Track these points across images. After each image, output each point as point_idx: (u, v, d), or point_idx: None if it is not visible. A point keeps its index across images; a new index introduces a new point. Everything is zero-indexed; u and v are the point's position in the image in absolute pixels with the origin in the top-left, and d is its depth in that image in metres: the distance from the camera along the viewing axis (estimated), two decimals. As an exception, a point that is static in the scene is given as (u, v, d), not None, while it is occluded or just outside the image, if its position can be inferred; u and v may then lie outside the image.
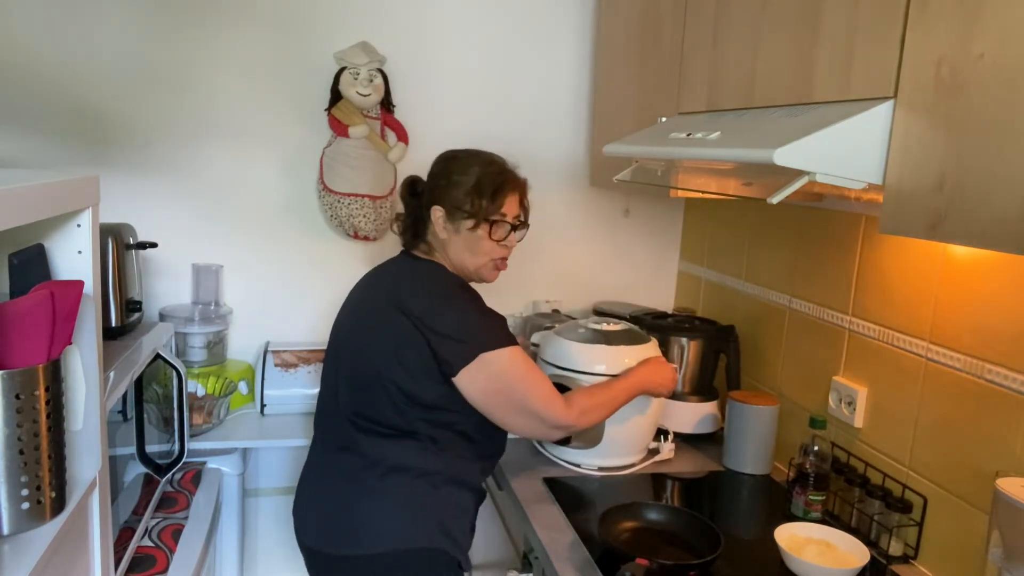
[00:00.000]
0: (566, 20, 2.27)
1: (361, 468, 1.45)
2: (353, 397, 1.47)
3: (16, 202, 0.82)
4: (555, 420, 1.46)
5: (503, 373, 1.42)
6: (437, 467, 1.45)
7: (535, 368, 1.47)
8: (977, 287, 1.35)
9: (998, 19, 0.92)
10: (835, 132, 1.08)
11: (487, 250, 1.52)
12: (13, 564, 0.87)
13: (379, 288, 1.53)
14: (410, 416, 1.43)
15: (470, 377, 1.41)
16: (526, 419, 1.46)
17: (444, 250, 1.53)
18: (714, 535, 1.43)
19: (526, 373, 1.44)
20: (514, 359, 1.43)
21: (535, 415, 1.45)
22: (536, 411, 1.45)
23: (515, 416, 1.46)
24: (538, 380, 1.46)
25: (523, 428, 1.48)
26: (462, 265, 1.53)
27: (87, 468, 1.09)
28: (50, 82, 1.98)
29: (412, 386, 1.42)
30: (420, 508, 1.43)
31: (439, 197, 1.51)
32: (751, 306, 2.05)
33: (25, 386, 0.90)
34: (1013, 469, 1.25)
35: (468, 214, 1.49)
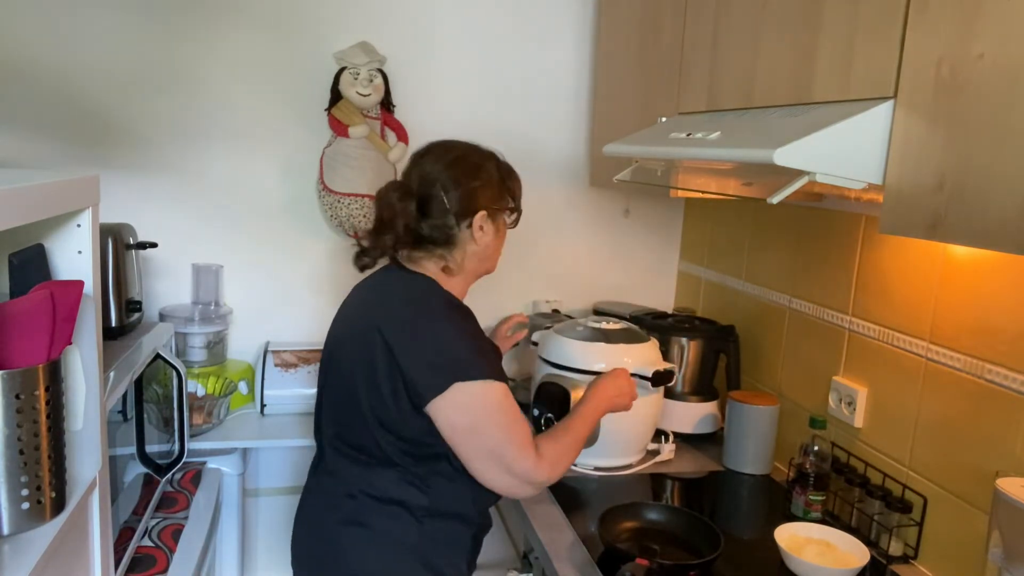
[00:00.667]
0: (566, 20, 2.27)
1: (342, 495, 1.36)
2: (335, 420, 1.40)
3: (16, 202, 0.82)
4: (526, 472, 1.28)
5: (476, 408, 1.27)
6: (421, 500, 1.33)
7: (516, 412, 1.30)
8: (977, 287, 1.35)
9: (998, 19, 0.92)
10: (835, 132, 1.08)
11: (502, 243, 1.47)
12: (13, 564, 0.87)
13: (364, 306, 1.41)
14: (389, 446, 1.32)
15: (440, 407, 1.26)
16: (493, 466, 1.28)
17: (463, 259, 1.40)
18: (714, 535, 1.43)
19: (503, 413, 1.28)
20: (492, 394, 1.27)
21: (504, 464, 1.27)
22: (506, 459, 1.27)
23: (482, 460, 1.28)
24: (515, 425, 1.29)
25: (490, 477, 1.29)
26: (481, 266, 1.43)
27: (87, 468, 1.09)
28: (50, 82, 1.98)
29: (388, 416, 1.30)
30: (400, 545, 1.32)
31: (478, 200, 1.37)
32: (751, 306, 2.05)
33: (25, 386, 0.90)
34: (1013, 469, 1.25)
35: (509, 210, 1.44)
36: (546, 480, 1.30)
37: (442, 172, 1.38)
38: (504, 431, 1.27)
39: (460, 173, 1.38)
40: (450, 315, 1.33)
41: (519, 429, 1.29)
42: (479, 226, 1.38)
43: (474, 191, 1.37)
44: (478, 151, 1.43)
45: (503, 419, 1.27)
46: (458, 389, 1.25)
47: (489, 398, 1.27)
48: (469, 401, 1.27)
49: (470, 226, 1.38)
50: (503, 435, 1.27)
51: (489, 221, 1.39)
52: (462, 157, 1.40)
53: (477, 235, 1.39)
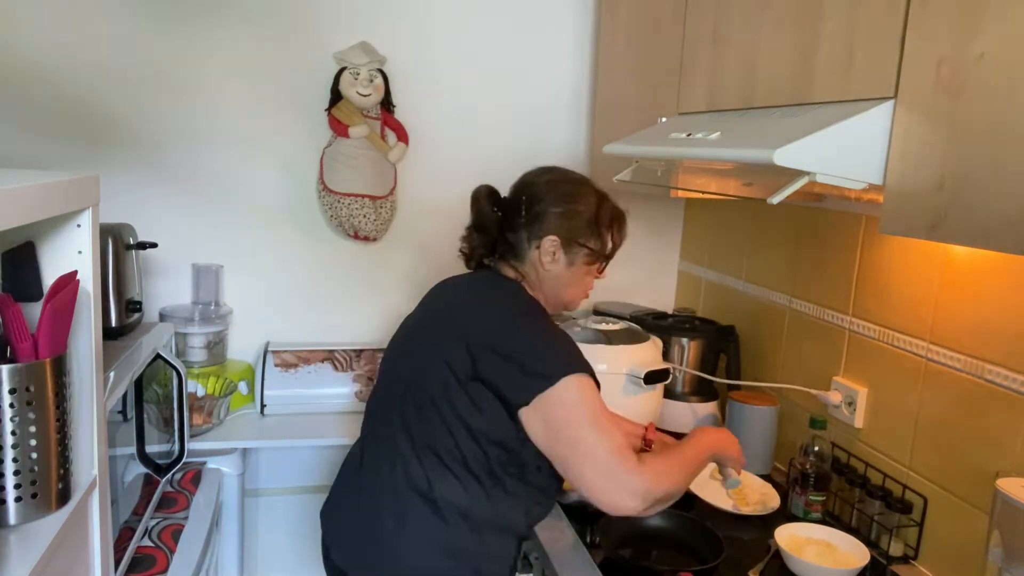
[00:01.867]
0: (566, 20, 2.27)
1: (405, 490, 1.30)
2: (412, 415, 1.32)
3: (16, 202, 0.82)
4: (628, 477, 1.17)
5: (572, 404, 1.21)
6: (485, 512, 1.28)
7: (609, 415, 1.25)
8: (977, 287, 1.35)
9: (998, 19, 0.92)
10: (835, 132, 1.08)
11: (588, 283, 1.42)
12: (19, 556, 0.88)
13: (452, 304, 1.39)
14: (468, 449, 1.27)
15: (537, 408, 1.21)
16: (592, 469, 1.18)
17: (537, 278, 1.38)
18: (715, 538, 1.44)
19: (599, 413, 1.22)
20: (589, 390, 1.23)
21: (604, 465, 1.18)
22: (605, 460, 1.18)
23: (580, 463, 1.19)
24: (611, 426, 1.22)
25: (589, 481, 1.19)
26: (556, 296, 1.41)
27: (87, 468, 1.09)
28: (50, 82, 1.98)
29: (474, 418, 1.26)
30: (454, 553, 1.28)
31: (556, 225, 1.35)
32: (751, 306, 2.05)
33: (36, 378, 0.91)
34: (1013, 469, 1.25)
35: (589, 250, 1.37)
36: (648, 489, 1.18)
37: (537, 187, 1.39)
38: (601, 430, 1.20)
39: (552, 193, 1.37)
40: (538, 313, 1.33)
41: (616, 432, 1.21)
42: (550, 251, 1.35)
43: (553, 215, 1.35)
44: (587, 184, 1.41)
45: (597, 417, 1.21)
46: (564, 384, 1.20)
47: (586, 393, 1.22)
48: (569, 396, 1.21)
49: (539, 247, 1.36)
50: (600, 433, 1.19)
51: (562, 251, 1.36)
52: (564, 180, 1.40)
53: (545, 260, 1.36)
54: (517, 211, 1.38)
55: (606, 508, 1.19)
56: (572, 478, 1.22)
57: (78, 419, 1.07)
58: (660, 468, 1.22)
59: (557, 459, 1.23)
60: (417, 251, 2.28)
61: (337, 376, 2.11)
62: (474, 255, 1.43)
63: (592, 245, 1.38)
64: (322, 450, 2.28)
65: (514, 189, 1.43)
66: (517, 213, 1.38)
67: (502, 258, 1.41)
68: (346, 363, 2.13)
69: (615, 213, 1.41)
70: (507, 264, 1.41)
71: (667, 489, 1.22)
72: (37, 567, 0.87)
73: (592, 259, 1.39)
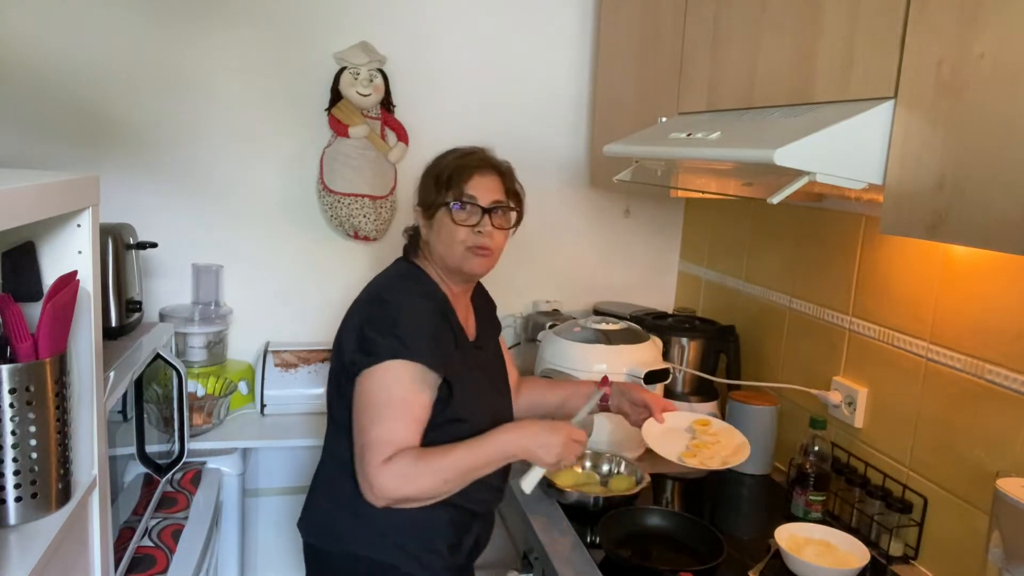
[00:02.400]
0: (566, 20, 2.27)
1: (326, 458, 1.45)
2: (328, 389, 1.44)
3: (16, 202, 0.82)
4: (368, 472, 1.24)
5: (377, 389, 1.28)
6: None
7: (402, 405, 1.28)
8: (977, 287, 1.35)
9: (998, 19, 0.92)
10: (835, 132, 1.08)
11: (461, 237, 1.38)
12: (19, 556, 0.88)
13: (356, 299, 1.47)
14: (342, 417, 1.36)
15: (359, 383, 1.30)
16: (357, 452, 1.28)
17: (431, 251, 1.44)
18: (715, 539, 1.44)
19: (383, 400, 1.27)
20: (401, 379, 1.27)
21: (360, 452, 1.27)
22: (361, 448, 1.26)
23: (356, 442, 1.29)
24: (388, 417, 1.26)
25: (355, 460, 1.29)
26: (443, 261, 1.42)
27: (87, 468, 1.09)
28: (50, 82, 1.98)
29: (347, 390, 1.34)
30: (359, 514, 1.33)
31: (418, 196, 1.45)
32: (751, 306, 2.05)
33: (36, 378, 0.91)
34: (1013, 469, 1.25)
35: (435, 204, 1.40)
36: (384, 488, 1.24)
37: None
38: (373, 419, 1.27)
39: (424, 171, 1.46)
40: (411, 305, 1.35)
41: (388, 425, 1.26)
42: (416, 219, 1.45)
43: (418, 188, 1.45)
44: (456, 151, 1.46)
45: (380, 404, 1.27)
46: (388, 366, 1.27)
47: (383, 380, 1.27)
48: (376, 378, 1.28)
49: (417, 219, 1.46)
50: (369, 423, 1.26)
51: (422, 215, 1.44)
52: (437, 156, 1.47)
53: (423, 229, 1.44)
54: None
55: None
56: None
57: (78, 419, 1.07)
58: (409, 472, 1.25)
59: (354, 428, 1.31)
60: (417, 251, 2.28)
61: (337, 376, 2.11)
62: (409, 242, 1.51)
63: (428, 197, 1.42)
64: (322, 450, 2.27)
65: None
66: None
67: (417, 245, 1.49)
68: (346, 363, 2.13)
69: (462, 164, 1.41)
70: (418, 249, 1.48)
71: (412, 493, 1.26)
72: (37, 567, 0.87)
73: (435, 210, 1.41)
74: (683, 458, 1.50)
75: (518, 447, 1.34)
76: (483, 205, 1.39)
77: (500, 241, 1.43)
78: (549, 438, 1.34)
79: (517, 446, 1.34)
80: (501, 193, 1.43)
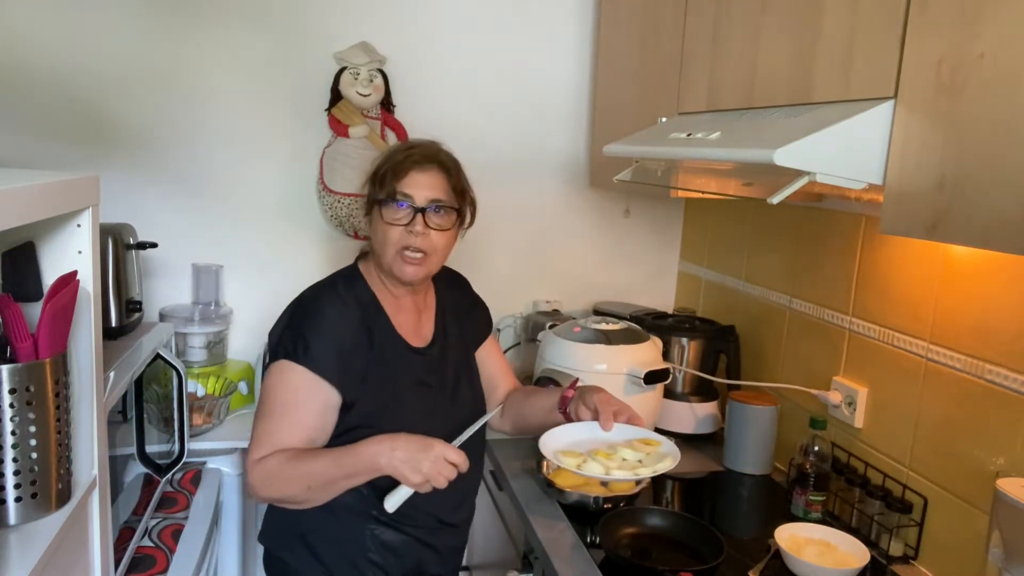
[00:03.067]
0: (566, 20, 2.27)
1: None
2: None
3: (16, 202, 0.82)
4: (249, 464, 1.29)
5: (269, 385, 1.32)
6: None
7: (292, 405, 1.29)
8: (977, 287, 1.35)
9: (998, 19, 0.92)
10: (835, 132, 1.08)
11: (394, 238, 1.33)
12: (19, 556, 0.88)
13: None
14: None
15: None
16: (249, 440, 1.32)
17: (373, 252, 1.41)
18: (716, 539, 1.44)
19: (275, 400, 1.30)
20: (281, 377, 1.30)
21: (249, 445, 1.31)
22: (250, 441, 1.31)
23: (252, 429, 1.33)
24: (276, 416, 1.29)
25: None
26: (379, 262, 1.39)
27: (87, 468, 1.09)
28: (50, 82, 1.98)
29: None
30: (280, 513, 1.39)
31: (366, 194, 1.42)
32: (751, 306, 2.05)
33: (36, 378, 0.91)
34: (1013, 469, 1.25)
35: (370, 201, 1.38)
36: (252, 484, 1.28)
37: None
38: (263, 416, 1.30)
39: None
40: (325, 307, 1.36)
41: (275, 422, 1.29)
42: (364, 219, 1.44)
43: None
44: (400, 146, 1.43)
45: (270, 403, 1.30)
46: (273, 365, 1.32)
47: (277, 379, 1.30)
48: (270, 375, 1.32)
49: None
50: (260, 419, 1.30)
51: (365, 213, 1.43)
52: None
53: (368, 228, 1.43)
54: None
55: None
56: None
57: (78, 419, 1.07)
58: (272, 472, 1.26)
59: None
60: (417, 251, 2.28)
61: (337, 376, 2.11)
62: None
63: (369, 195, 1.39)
64: None
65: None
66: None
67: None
68: (346, 363, 2.13)
69: (398, 159, 1.37)
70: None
71: (275, 495, 1.29)
72: (37, 567, 0.87)
73: (370, 207, 1.39)
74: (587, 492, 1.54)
75: (384, 461, 1.24)
76: (417, 204, 1.32)
77: (439, 243, 1.35)
78: (417, 455, 1.22)
79: (384, 459, 1.24)
80: (443, 191, 1.35)
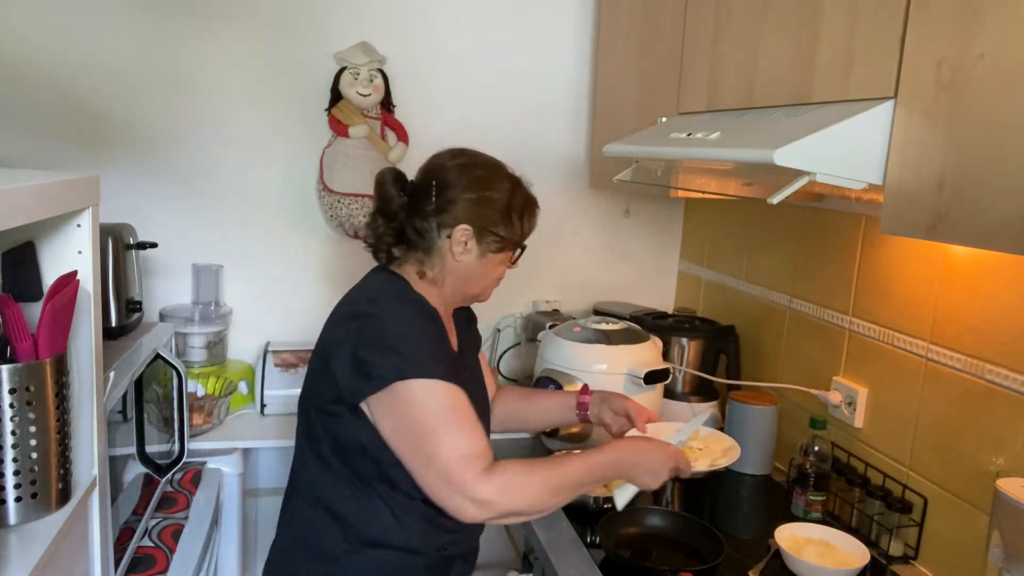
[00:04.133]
0: (566, 20, 2.27)
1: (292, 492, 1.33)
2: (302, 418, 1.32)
3: (16, 202, 0.82)
4: (466, 486, 1.11)
5: (415, 409, 1.14)
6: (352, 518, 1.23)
7: (465, 419, 1.16)
8: (977, 287, 1.35)
9: (998, 19, 0.92)
10: (835, 132, 1.08)
11: (500, 273, 1.32)
12: (19, 556, 0.88)
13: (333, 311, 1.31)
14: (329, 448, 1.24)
15: (379, 408, 1.16)
16: (433, 475, 1.13)
17: (442, 271, 1.28)
18: (715, 538, 1.44)
19: (445, 417, 1.14)
20: (433, 395, 1.14)
21: (444, 472, 1.12)
22: (445, 467, 1.11)
23: (422, 469, 1.14)
24: (458, 431, 1.14)
25: (431, 487, 1.14)
26: (463, 289, 1.31)
27: (87, 468, 1.09)
28: (50, 82, 1.98)
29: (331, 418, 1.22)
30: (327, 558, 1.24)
31: (468, 213, 1.25)
32: (751, 306, 2.05)
33: (36, 378, 0.91)
34: (1013, 469, 1.25)
35: (500, 238, 1.27)
36: (490, 500, 1.11)
37: (446, 171, 1.27)
38: (444, 435, 1.13)
39: (463, 178, 1.26)
40: (400, 310, 1.23)
41: (464, 437, 1.14)
42: (461, 241, 1.25)
43: (466, 201, 1.24)
44: (500, 169, 1.31)
45: (442, 422, 1.14)
46: (398, 388, 1.14)
47: (431, 398, 1.14)
48: (410, 400, 1.14)
49: (449, 237, 1.25)
50: (442, 439, 1.13)
51: (475, 241, 1.26)
52: (477, 164, 1.29)
53: (456, 250, 1.25)
54: (426, 197, 1.26)
55: (451, 513, 1.14)
56: (417, 480, 1.17)
57: (78, 419, 1.07)
58: (516, 482, 1.14)
59: (404, 463, 1.17)
60: (417, 251, 2.28)
61: (337, 376, 2.11)
62: (380, 245, 1.31)
63: (503, 233, 1.27)
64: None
65: (422, 172, 1.31)
66: (426, 199, 1.26)
67: (409, 250, 1.30)
68: (346, 363, 2.13)
69: (527, 199, 1.31)
70: (411, 257, 1.30)
71: (517, 506, 1.15)
72: (37, 567, 0.87)
73: (502, 248, 1.29)
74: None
75: (631, 466, 1.26)
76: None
77: None
78: (657, 463, 1.27)
79: (630, 464, 1.26)
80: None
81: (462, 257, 1.26)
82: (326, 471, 1.25)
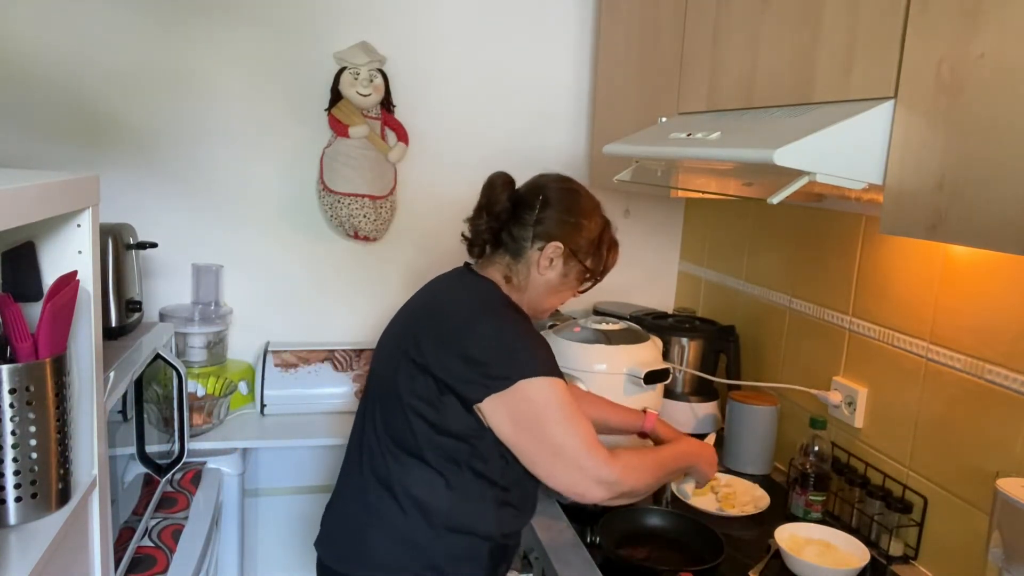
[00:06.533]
0: (566, 20, 2.27)
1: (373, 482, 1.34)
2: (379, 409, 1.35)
3: (16, 202, 0.82)
4: (597, 469, 1.24)
5: (539, 404, 1.24)
6: (443, 507, 1.29)
7: (579, 409, 1.28)
8: (977, 287, 1.35)
9: (998, 19, 0.92)
10: (835, 132, 1.08)
11: (566, 297, 1.43)
12: (19, 556, 0.88)
13: (423, 303, 1.39)
14: (425, 441, 1.29)
15: (498, 406, 1.24)
16: (563, 464, 1.25)
17: (525, 280, 1.38)
18: (715, 539, 1.44)
19: (568, 410, 1.25)
20: (555, 391, 1.25)
21: (573, 459, 1.24)
22: (575, 455, 1.24)
23: (548, 459, 1.25)
24: (581, 421, 1.26)
25: (558, 475, 1.26)
26: (537, 301, 1.41)
27: (87, 468, 1.09)
28: (50, 82, 1.98)
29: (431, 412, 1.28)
30: (413, 545, 1.29)
31: (563, 234, 1.36)
32: (751, 306, 2.05)
33: (36, 378, 0.91)
34: (1013, 469, 1.25)
35: (584, 267, 1.39)
36: (617, 480, 1.25)
37: (553, 191, 1.39)
38: (568, 424, 1.25)
39: (566, 201, 1.38)
40: (506, 313, 1.32)
41: (585, 426, 1.27)
42: (549, 256, 1.35)
43: (564, 223, 1.36)
44: (598, 206, 1.44)
45: (567, 415, 1.25)
46: (519, 387, 1.23)
47: (551, 393, 1.25)
48: (530, 397, 1.24)
49: (541, 250, 1.35)
50: (570, 429, 1.24)
51: (561, 260, 1.36)
52: (580, 195, 1.42)
53: (543, 264, 1.36)
54: (529, 208, 1.37)
55: (574, 497, 1.27)
56: (541, 474, 1.27)
57: (78, 419, 1.07)
58: (633, 463, 1.30)
59: (524, 455, 1.27)
60: (417, 251, 2.28)
61: (337, 376, 2.11)
62: (477, 240, 1.40)
63: (589, 264, 1.39)
64: (322, 450, 2.28)
65: (530, 186, 1.41)
66: (529, 209, 1.37)
67: (497, 251, 1.40)
68: (346, 363, 2.13)
69: (614, 241, 1.44)
70: (499, 260, 1.39)
71: (635, 484, 1.29)
72: (37, 567, 0.87)
73: (583, 276, 1.41)
74: (723, 508, 1.64)
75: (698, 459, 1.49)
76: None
77: None
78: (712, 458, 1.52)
79: (697, 457, 1.49)
80: None
81: (546, 271, 1.37)
82: (408, 459, 1.30)
